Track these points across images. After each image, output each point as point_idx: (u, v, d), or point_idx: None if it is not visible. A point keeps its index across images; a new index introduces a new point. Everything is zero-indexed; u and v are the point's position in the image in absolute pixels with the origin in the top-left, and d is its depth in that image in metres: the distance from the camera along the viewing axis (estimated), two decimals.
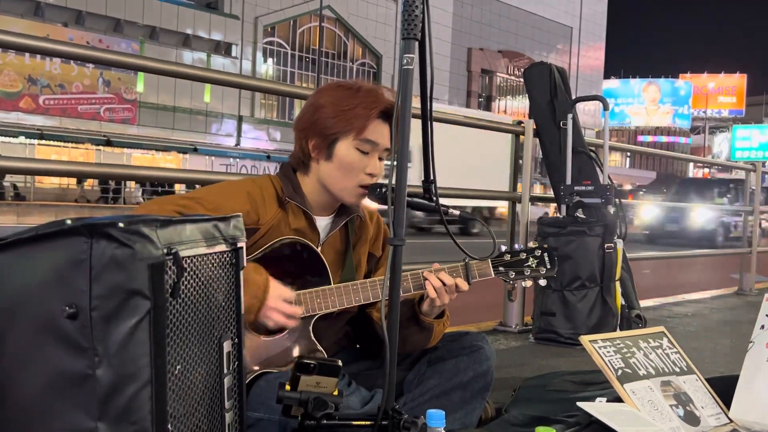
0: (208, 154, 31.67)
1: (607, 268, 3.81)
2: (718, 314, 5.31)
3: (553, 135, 4.23)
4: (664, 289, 7.11)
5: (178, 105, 31.53)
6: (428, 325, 1.86)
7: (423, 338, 1.89)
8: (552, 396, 2.23)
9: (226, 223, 1.24)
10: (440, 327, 1.89)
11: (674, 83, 71.15)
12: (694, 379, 2.10)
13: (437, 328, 1.88)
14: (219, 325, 1.21)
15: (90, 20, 29.57)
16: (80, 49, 2.65)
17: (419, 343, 1.90)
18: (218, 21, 33.66)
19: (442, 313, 1.88)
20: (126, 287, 0.98)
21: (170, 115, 31.67)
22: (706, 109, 74.54)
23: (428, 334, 1.88)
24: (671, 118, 70.30)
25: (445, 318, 1.90)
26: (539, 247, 1.92)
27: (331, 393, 1.40)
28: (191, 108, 32.23)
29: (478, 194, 5.04)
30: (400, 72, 1.43)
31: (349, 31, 39.48)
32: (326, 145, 1.81)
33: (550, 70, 4.27)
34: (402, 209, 1.43)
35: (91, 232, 0.98)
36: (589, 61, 54.53)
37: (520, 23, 48.66)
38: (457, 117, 4.23)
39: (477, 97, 47.16)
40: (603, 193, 3.88)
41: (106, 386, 0.97)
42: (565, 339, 3.73)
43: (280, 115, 36.91)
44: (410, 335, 1.87)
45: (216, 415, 1.19)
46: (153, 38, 31.37)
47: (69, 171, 2.80)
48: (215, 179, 2.71)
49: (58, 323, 0.98)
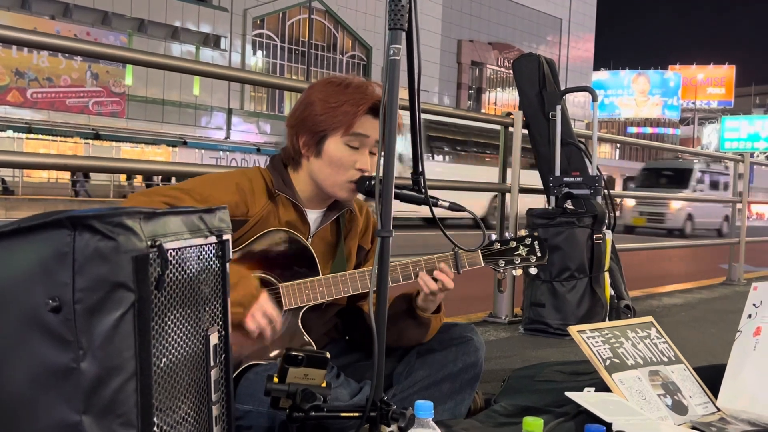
0: (198, 147, 31.56)
1: (596, 259, 3.82)
2: (706, 304, 5.34)
3: (542, 126, 4.23)
4: (653, 279, 7.14)
5: (167, 98, 31.39)
6: (425, 320, 1.86)
7: (420, 333, 1.89)
8: (541, 386, 2.23)
9: (212, 215, 1.23)
10: (436, 322, 1.90)
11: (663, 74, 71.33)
12: (682, 368, 2.11)
13: (434, 323, 1.89)
14: (205, 317, 1.20)
15: (77, 13, 29.36)
16: (68, 41, 2.63)
17: (416, 338, 1.90)
18: (207, 13, 33.49)
19: (438, 308, 1.88)
20: (110, 280, 0.97)
21: (159, 108, 31.52)
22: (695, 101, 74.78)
23: (425, 330, 1.88)
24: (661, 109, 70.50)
25: (441, 313, 1.90)
26: (529, 235, 1.92)
27: (320, 385, 1.39)
28: (180, 101, 32.09)
29: (468, 186, 5.04)
30: (386, 63, 1.42)
31: (338, 23, 39.35)
32: (315, 141, 1.81)
33: (539, 62, 4.27)
34: (389, 201, 1.43)
35: (75, 224, 0.97)
36: (579, 53, 54.59)
37: (510, 15, 48.64)
38: (445, 109, 4.23)
39: (467, 89, 47.15)
40: (592, 184, 3.89)
41: (90, 379, 0.96)
42: (555, 330, 3.74)
43: (270, 108, 36.80)
44: (407, 330, 1.87)
45: (203, 407, 1.19)
46: (141, 31, 31.18)
47: (57, 164, 2.78)
48: (205, 172, 2.70)
49: (41, 317, 0.98)
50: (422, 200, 1.77)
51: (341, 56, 39.97)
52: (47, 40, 2.62)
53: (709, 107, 76.84)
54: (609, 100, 69.30)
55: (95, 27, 29.40)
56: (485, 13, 47.03)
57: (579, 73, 52.53)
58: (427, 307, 1.85)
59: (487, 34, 47.32)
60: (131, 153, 30.74)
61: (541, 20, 50.82)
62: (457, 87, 46.06)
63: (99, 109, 29.51)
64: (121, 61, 2.94)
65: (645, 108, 70.46)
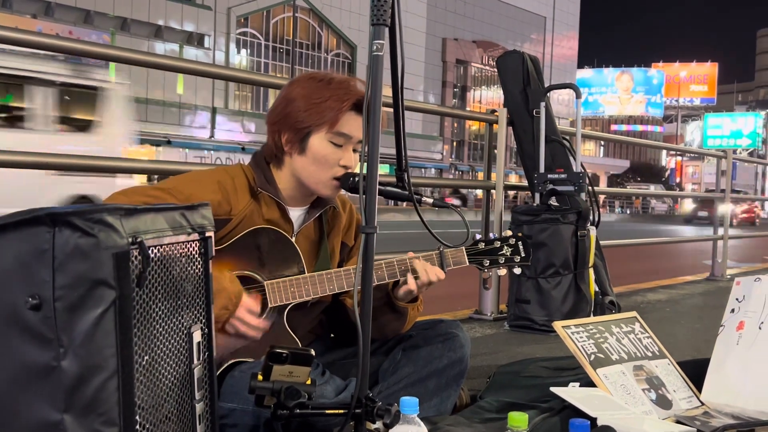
0: (182, 147, 31.41)
1: (580, 255, 3.83)
2: (690, 300, 5.38)
3: (527, 124, 4.24)
4: (637, 275, 7.18)
5: (150, 97, 31.19)
6: (402, 309, 1.86)
7: (398, 324, 1.89)
8: (526, 382, 2.24)
9: (194, 212, 1.22)
10: (414, 312, 1.89)
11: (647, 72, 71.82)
12: (666, 363, 2.13)
13: (411, 313, 1.88)
14: (188, 314, 1.19)
15: (59, 11, 29.15)
16: (50, 39, 2.60)
17: (393, 328, 1.90)
18: (190, 11, 33.34)
19: (415, 297, 1.88)
20: (90, 277, 0.96)
21: (143, 107, 31.32)
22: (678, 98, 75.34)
23: (403, 319, 1.88)
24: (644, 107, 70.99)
25: (418, 302, 1.90)
26: (513, 235, 1.93)
27: (304, 382, 1.39)
28: (164, 100, 31.92)
29: (453, 183, 5.04)
30: (369, 59, 1.42)
31: (323, 22, 39.30)
32: (299, 138, 1.79)
33: (523, 59, 4.28)
34: (373, 198, 1.42)
35: (54, 221, 0.96)
36: (563, 51, 54.84)
37: (494, 13, 48.81)
38: (429, 106, 4.23)
39: (452, 87, 47.26)
40: (576, 181, 3.90)
41: (71, 377, 0.95)
42: (540, 326, 3.75)
43: (254, 107, 36.70)
44: (384, 320, 1.87)
45: (186, 405, 1.18)
46: (124, 29, 30.99)
47: (36, 162, 2.76)
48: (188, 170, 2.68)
49: (21, 315, 0.96)
50: (407, 197, 1.77)
51: (326, 54, 39.94)
52: (29, 38, 2.59)
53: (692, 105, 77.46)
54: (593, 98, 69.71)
55: (77, 26, 29.19)
56: (470, 11, 47.18)
57: (563, 71, 52.78)
58: (405, 297, 1.84)
59: (472, 32, 47.47)
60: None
61: (525, 18, 51.02)
62: (442, 85, 46.18)
63: None
64: (105, 58, 2.92)
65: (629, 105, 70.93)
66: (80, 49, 2.84)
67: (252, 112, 35.97)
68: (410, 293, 1.82)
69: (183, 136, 32.49)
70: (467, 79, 48.37)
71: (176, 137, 31.87)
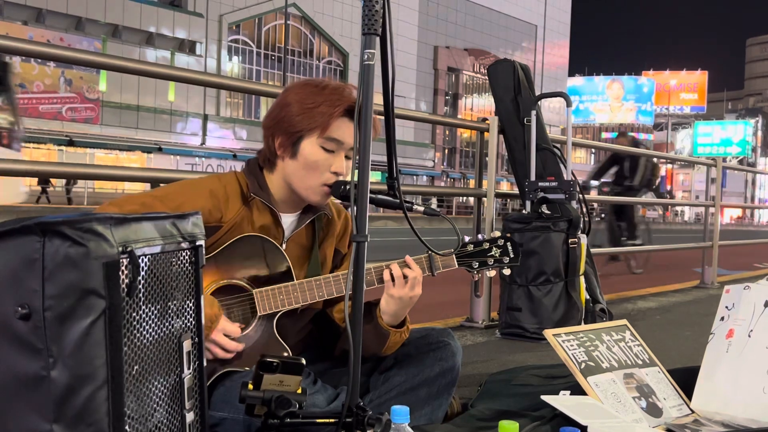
0: (174, 154, 31.37)
1: (571, 263, 3.84)
2: (680, 307, 5.39)
3: (518, 132, 4.26)
4: (628, 283, 7.20)
5: (141, 104, 31.18)
6: (384, 331, 1.82)
7: (377, 344, 1.85)
8: (517, 390, 2.24)
9: (185, 221, 1.22)
10: (396, 337, 1.84)
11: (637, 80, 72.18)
12: (657, 371, 2.13)
13: (392, 338, 1.83)
14: (178, 324, 1.19)
15: (51, 18, 29.10)
16: (41, 46, 2.60)
17: (371, 348, 1.85)
18: (182, 19, 33.33)
19: (402, 323, 1.86)
20: (80, 286, 0.96)
21: (134, 114, 31.30)
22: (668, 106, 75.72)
23: (383, 341, 1.83)
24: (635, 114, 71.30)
25: (404, 329, 1.86)
26: (502, 236, 1.93)
27: (295, 391, 1.39)
28: (155, 107, 31.88)
29: (444, 191, 5.05)
30: (360, 67, 1.42)
31: (315, 29, 39.36)
32: (291, 143, 1.80)
33: (514, 67, 4.30)
34: (364, 206, 1.42)
35: (44, 230, 0.95)
36: (554, 59, 55.07)
37: (485, 21, 49.01)
38: (421, 114, 4.24)
39: (444, 95, 47.39)
40: (567, 189, 3.92)
41: (61, 387, 0.95)
42: (531, 334, 3.75)
43: (246, 114, 36.70)
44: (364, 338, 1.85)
45: (176, 414, 1.17)
46: (115, 36, 30.96)
47: (29, 171, 2.75)
48: (180, 178, 2.68)
49: (10, 324, 0.96)
50: (397, 205, 1.77)
51: (318, 62, 39.99)
52: (20, 45, 2.58)
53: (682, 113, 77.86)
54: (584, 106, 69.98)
55: (69, 32, 29.16)
56: (461, 19, 47.35)
57: (554, 79, 53.01)
58: (388, 311, 1.81)
59: (463, 41, 47.64)
60: (105, 159, 30.48)
61: (516, 27, 51.25)
62: (434, 93, 46.29)
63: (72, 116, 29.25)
64: (96, 66, 2.91)
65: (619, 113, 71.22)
66: (71, 56, 2.83)
67: (243, 120, 35.96)
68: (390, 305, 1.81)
69: (174, 144, 32.46)
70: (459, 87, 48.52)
71: (167, 144, 31.83)
